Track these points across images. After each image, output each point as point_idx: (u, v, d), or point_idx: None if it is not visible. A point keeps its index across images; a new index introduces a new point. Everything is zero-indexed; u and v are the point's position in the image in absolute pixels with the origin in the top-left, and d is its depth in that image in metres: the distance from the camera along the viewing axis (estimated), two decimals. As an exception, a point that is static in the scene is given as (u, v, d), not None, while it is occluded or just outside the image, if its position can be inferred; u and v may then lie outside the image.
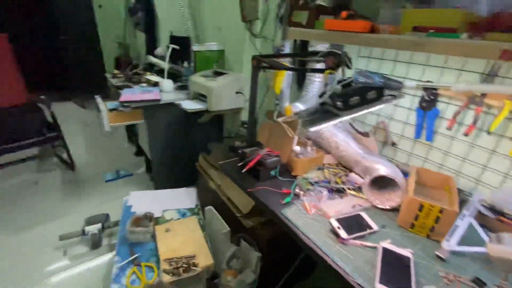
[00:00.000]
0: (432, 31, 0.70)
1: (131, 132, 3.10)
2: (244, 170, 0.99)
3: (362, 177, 1.02)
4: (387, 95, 0.72)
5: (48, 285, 1.45)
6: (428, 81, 1.03)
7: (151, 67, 2.89)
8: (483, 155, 0.96)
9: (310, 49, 1.21)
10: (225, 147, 1.86)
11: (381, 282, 0.61)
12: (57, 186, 2.29)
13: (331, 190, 0.96)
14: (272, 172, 1.02)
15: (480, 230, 0.77)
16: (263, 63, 0.89)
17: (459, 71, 0.96)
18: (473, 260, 0.73)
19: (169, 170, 2.11)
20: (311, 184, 0.98)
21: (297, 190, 0.95)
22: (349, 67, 0.67)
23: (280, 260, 1.32)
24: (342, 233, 0.75)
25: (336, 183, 1.00)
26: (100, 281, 1.48)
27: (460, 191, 0.98)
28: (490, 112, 0.91)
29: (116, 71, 2.78)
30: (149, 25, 3.40)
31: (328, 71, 0.66)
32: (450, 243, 0.73)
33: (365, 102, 0.70)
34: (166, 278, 1.20)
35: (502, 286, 0.52)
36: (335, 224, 0.77)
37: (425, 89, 1.04)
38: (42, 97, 2.23)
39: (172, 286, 1.45)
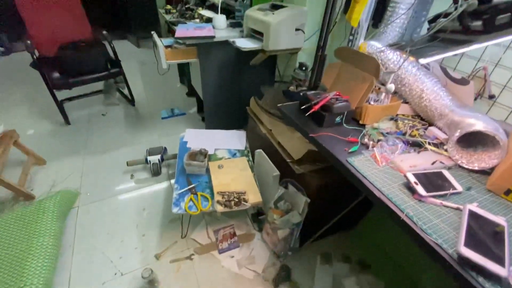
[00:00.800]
0: None
1: (183, 72, 3.15)
2: (308, 113, 0.91)
3: (445, 133, 0.88)
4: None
5: (119, 200, 1.71)
6: None
7: (202, 2, 2.73)
8: None
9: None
10: (278, 91, 1.77)
11: (466, 245, 0.54)
12: (121, 119, 2.52)
13: (407, 143, 0.85)
14: (337, 119, 0.93)
15: None
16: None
17: None
18: None
19: (220, 112, 2.14)
20: (383, 134, 0.88)
21: (365, 140, 0.87)
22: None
23: (325, 209, 1.32)
24: (420, 189, 0.67)
25: (412, 136, 0.88)
26: (160, 203, 1.69)
27: None
28: None
29: (169, 6, 2.70)
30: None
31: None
32: (559, 217, 0.61)
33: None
34: (220, 208, 1.31)
35: None
36: (412, 178, 0.69)
37: None
38: (104, 32, 2.30)
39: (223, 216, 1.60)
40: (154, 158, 1.87)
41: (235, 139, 1.85)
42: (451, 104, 0.87)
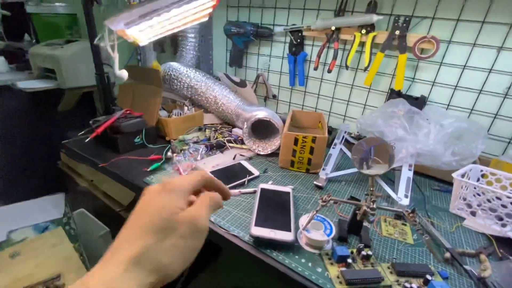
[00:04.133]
0: None
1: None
2: (89, 139, 0.74)
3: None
4: None
5: None
6: (293, 25, 1.03)
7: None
8: (346, 91, 1.03)
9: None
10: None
11: (257, 224, 0.52)
12: None
13: (210, 147, 0.83)
14: (136, 139, 0.81)
15: (350, 155, 0.80)
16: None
17: (317, 10, 0.98)
18: (348, 184, 0.75)
19: (22, 179, 1.56)
20: (188, 144, 0.83)
21: (169, 154, 0.78)
22: None
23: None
24: (217, 185, 0.63)
25: (217, 139, 0.88)
26: None
27: (332, 128, 1.03)
28: (346, 48, 0.97)
29: None
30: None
31: None
32: (326, 171, 0.72)
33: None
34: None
35: (370, 192, 0.51)
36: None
37: (292, 33, 1.03)
38: None
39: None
40: None
41: (49, 207, 1.38)
42: (241, 104, 0.95)
